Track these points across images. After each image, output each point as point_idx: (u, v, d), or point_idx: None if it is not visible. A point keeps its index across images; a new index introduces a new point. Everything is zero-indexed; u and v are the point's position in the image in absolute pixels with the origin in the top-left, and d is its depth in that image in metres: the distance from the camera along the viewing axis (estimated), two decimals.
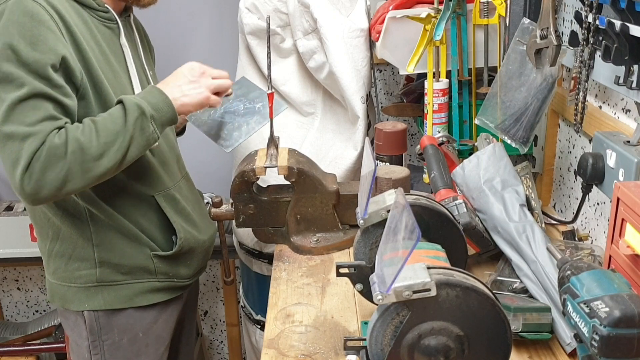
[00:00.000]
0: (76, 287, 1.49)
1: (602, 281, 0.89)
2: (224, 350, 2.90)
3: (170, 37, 2.37)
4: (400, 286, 0.89)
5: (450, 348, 0.93)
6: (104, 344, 1.51)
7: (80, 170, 1.27)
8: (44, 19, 1.26)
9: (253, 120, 1.53)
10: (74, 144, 1.25)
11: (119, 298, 1.50)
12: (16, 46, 1.23)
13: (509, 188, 1.40)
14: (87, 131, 1.28)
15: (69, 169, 1.25)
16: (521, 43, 1.44)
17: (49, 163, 1.24)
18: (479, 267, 1.43)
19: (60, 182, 1.26)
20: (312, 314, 1.32)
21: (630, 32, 1.13)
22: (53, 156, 1.24)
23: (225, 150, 1.53)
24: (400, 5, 1.69)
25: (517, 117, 1.48)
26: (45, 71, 1.25)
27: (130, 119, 1.31)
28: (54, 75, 1.26)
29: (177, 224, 1.52)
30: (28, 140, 1.23)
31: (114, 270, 1.48)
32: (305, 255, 1.56)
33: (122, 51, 1.46)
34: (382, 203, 1.15)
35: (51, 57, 1.25)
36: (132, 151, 1.33)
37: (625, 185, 1.04)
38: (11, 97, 1.23)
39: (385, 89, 2.36)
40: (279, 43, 1.86)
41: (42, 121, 1.25)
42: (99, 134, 1.28)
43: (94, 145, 1.27)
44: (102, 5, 1.42)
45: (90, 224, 1.44)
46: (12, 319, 2.85)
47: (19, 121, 1.23)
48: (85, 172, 1.27)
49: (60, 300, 1.52)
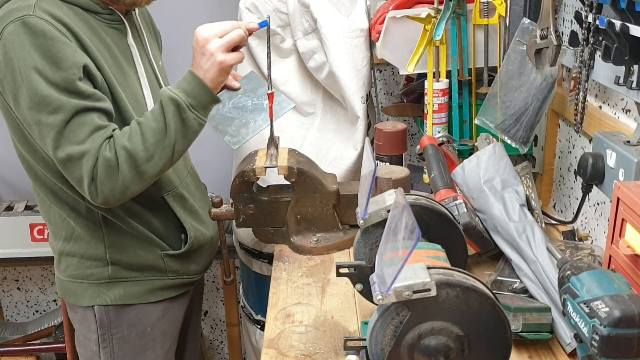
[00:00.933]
0: (88, 283, 1.50)
1: (602, 281, 0.89)
2: (224, 350, 2.90)
3: (170, 37, 2.37)
4: (400, 286, 0.89)
5: (450, 348, 0.93)
6: (112, 338, 1.53)
7: (135, 175, 1.31)
8: (56, 35, 1.27)
9: (260, 118, 1.52)
10: (123, 153, 1.30)
11: (130, 294, 1.52)
12: (41, 69, 1.25)
13: (509, 188, 1.40)
14: (134, 136, 1.31)
15: (125, 177, 1.31)
16: (521, 43, 1.44)
17: (107, 176, 1.30)
18: (479, 267, 1.43)
19: (122, 189, 1.32)
20: (312, 314, 1.32)
21: (630, 32, 1.13)
22: (108, 168, 1.29)
23: (233, 147, 1.51)
24: (400, 5, 1.69)
25: (517, 117, 1.48)
26: (74, 86, 1.27)
27: (168, 115, 1.32)
28: (83, 87, 1.28)
29: (187, 222, 1.54)
30: (84, 159, 1.28)
31: (126, 268, 1.50)
32: (305, 255, 1.56)
33: (130, 51, 1.47)
34: (382, 203, 1.14)
35: (75, 72, 1.27)
36: (181, 143, 1.35)
37: (625, 185, 1.04)
38: (55, 122, 1.27)
39: (385, 89, 2.36)
40: (279, 43, 1.86)
41: (91, 134, 1.28)
42: (144, 136, 1.31)
43: (141, 149, 1.31)
44: (107, 8, 1.42)
45: (103, 227, 1.47)
46: (12, 319, 2.85)
47: (70, 142, 1.28)
48: (141, 174, 1.32)
49: (71, 297, 1.54)
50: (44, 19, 1.26)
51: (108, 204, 1.35)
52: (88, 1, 1.38)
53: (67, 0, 1.35)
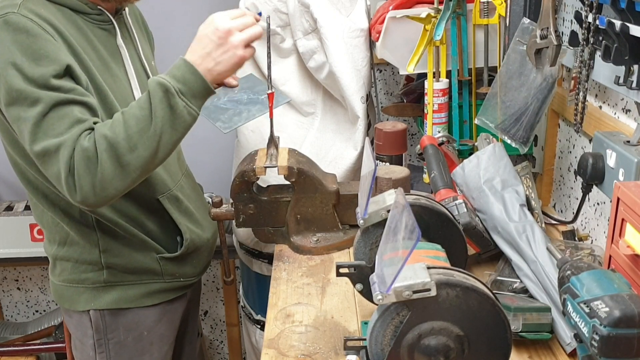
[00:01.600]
0: (83, 288, 1.48)
1: (602, 281, 0.89)
2: (224, 350, 2.90)
3: (170, 37, 2.37)
4: (400, 286, 0.89)
5: (450, 348, 0.93)
6: (109, 343, 1.51)
7: (117, 166, 1.21)
8: (39, 32, 1.23)
9: (255, 108, 1.51)
10: (103, 142, 1.20)
11: (126, 298, 1.50)
12: (19, 64, 1.20)
13: (509, 188, 1.40)
14: (116, 124, 1.22)
15: (105, 169, 1.21)
16: (521, 43, 1.44)
17: (85, 168, 1.20)
18: (479, 267, 1.43)
19: (103, 184, 1.21)
20: (312, 314, 1.32)
21: (630, 32, 1.13)
22: (86, 159, 1.20)
23: (223, 131, 1.47)
24: (400, 5, 1.69)
25: (517, 117, 1.48)
26: (54, 82, 1.22)
27: (155, 101, 1.23)
28: (63, 83, 1.23)
29: (182, 225, 1.52)
30: (60, 151, 1.20)
31: (121, 272, 1.48)
32: (305, 255, 1.56)
33: (120, 52, 1.44)
34: (382, 203, 1.15)
35: (55, 68, 1.22)
36: (169, 134, 1.25)
37: (625, 185, 1.04)
38: (33, 114, 1.20)
39: (385, 89, 2.36)
40: (279, 43, 1.86)
41: (70, 127, 1.21)
42: (127, 124, 1.22)
43: (122, 137, 1.21)
44: (95, 8, 1.39)
45: (97, 230, 1.44)
46: (12, 319, 2.85)
47: (47, 135, 1.20)
48: (123, 166, 1.22)
49: (67, 302, 1.51)
50: (28, 17, 1.23)
51: (88, 202, 1.24)
52: (76, 1, 1.35)
53: (54, 1, 1.32)
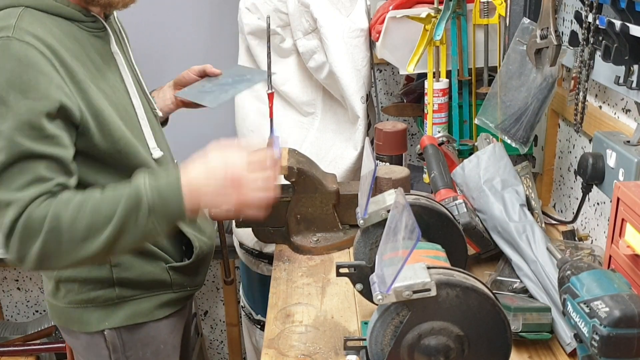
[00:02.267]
0: (93, 307, 1.41)
1: (602, 281, 0.89)
2: (224, 350, 2.90)
3: (169, 37, 2.38)
4: (400, 286, 0.89)
5: (450, 348, 0.93)
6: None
7: (58, 250, 1.15)
8: (33, 62, 1.15)
9: (241, 85, 1.49)
10: (53, 222, 1.13)
11: (140, 312, 1.44)
12: (5, 97, 1.12)
13: (509, 188, 1.40)
14: (75, 209, 1.15)
15: (46, 248, 1.14)
16: (521, 43, 1.44)
17: (25, 236, 1.14)
18: (479, 267, 1.43)
19: (40, 258, 1.15)
20: (312, 314, 1.32)
21: (630, 32, 1.13)
22: (30, 230, 1.13)
23: (210, 105, 1.45)
24: (400, 5, 1.69)
25: (517, 117, 1.48)
26: (38, 121, 1.14)
27: (124, 207, 1.15)
28: (47, 126, 1.15)
29: (189, 234, 1.48)
30: (9, 208, 1.13)
31: (133, 286, 1.43)
32: (305, 255, 1.56)
33: (115, 59, 1.38)
34: (382, 203, 1.15)
35: (45, 104, 1.14)
36: (127, 240, 1.17)
37: (625, 185, 1.04)
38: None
39: (385, 89, 2.36)
40: (279, 43, 1.86)
41: (28, 185, 1.14)
42: (87, 215, 1.15)
43: (75, 227, 1.14)
44: (89, 15, 1.32)
45: None
46: (12, 319, 2.85)
47: (4, 187, 1.14)
48: (66, 252, 1.16)
49: (76, 324, 1.43)
50: (25, 40, 1.15)
51: (23, 265, 1.17)
52: (71, 10, 1.28)
53: (49, 12, 1.25)
